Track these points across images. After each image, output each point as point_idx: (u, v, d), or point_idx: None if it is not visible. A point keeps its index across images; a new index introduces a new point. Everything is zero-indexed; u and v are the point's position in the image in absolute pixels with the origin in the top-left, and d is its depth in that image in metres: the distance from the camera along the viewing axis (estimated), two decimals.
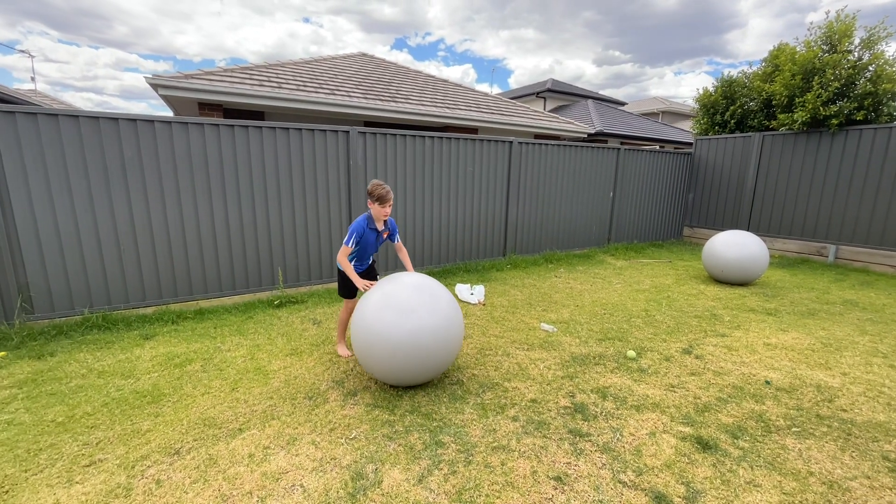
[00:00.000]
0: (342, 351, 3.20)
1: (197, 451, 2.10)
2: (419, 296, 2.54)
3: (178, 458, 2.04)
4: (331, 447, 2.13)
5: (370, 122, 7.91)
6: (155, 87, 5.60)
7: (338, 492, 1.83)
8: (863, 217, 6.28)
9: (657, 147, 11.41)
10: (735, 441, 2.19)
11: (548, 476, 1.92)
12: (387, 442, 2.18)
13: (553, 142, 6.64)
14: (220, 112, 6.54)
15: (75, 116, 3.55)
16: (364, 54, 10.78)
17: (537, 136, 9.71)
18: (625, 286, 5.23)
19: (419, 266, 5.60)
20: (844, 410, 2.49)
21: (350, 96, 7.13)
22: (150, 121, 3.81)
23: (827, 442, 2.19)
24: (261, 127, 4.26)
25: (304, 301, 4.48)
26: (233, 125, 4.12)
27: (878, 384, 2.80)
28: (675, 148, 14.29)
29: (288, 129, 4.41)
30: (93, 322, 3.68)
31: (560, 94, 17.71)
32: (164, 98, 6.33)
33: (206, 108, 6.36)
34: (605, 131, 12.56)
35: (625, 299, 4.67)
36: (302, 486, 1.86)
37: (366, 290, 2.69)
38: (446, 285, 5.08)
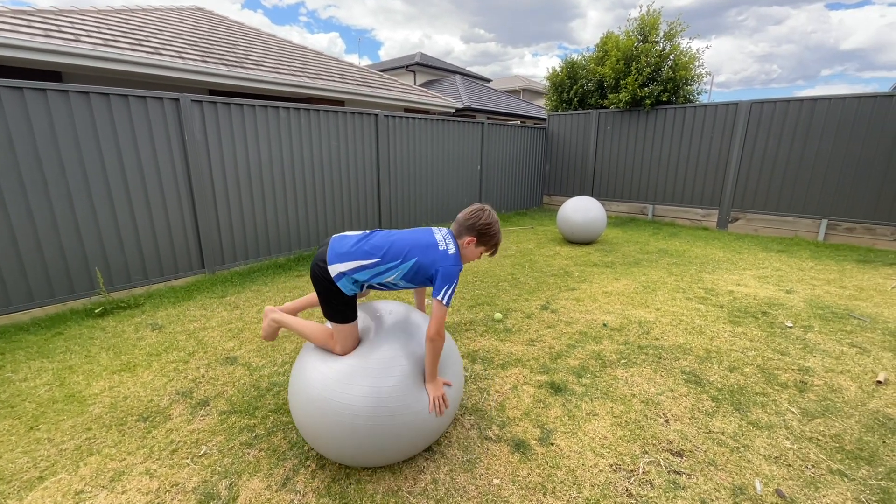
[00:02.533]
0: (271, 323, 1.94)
1: None
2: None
3: None
4: (171, 472, 1.81)
5: (215, 92, 6.84)
6: None
7: None
8: (670, 180, 7.76)
9: (519, 122, 12.35)
10: (580, 380, 2.51)
11: None
12: (245, 450, 1.95)
13: (421, 115, 6.62)
14: None
15: None
16: (200, 9, 9.19)
17: (407, 110, 9.61)
18: None
19: (285, 251, 5.15)
20: (657, 339, 3.05)
21: (183, 58, 6.01)
22: None
23: (645, 367, 2.66)
24: (44, 90, 3.28)
25: (140, 305, 3.74)
26: None
27: (679, 314, 3.51)
28: (535, 123, 15.67)
29: (88, 93, 3.49)
30: None
31: (429, 69, 17.80)
32: None
33: None
34: (473, 106, 13.08)
35: (493, 266, 5.00)
36: None
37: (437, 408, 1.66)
38: None
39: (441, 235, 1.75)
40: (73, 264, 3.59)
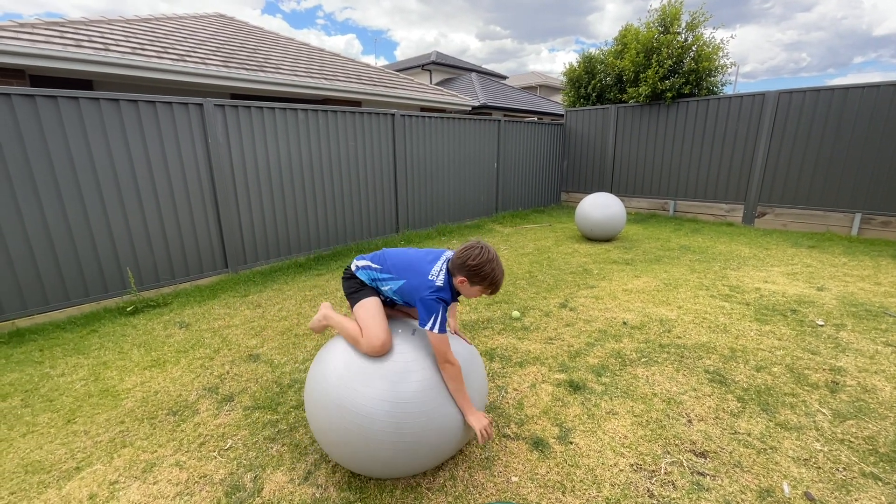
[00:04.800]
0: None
1: None
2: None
3: None
4: (200, 464, 1.88)
5: (237, 95, 7.01)
6: None
7: None
8: (692, 175, 7.55)
9: (535, 119, 12.24)
10: (599, 378, 2.48)
11: None
12: (269, 444, 2.00)
13: (437, 114, 6.63)
14: (22, 80, 5.17)
15: None
16: (222, 16, 9.42)
17: (423, 109, 9.64)
18: (511, 251, 5.57)
19: (305, 251, 5.24)
20: (679, 337, 2.99)
21: (206, 64, 6.18)
22: None
23: (666, 366, 2.61)
24: (77, 98, 3.44)
25: (168, 303, 3.88)
26: (33, 94, 3.25)
27: (702, 312, 3.42)
28: (552, 119, 15.47)
29: (118, 100, 3.63)
30: None
31: (445, 67, 17.80)
32: None
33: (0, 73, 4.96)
34: (489, 104, 13.02)
35: (511, 263, 4.97)
36: None
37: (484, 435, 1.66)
38: (337, 269, 4.87)
39: (440, 264, 1.73)
40: (106, 265, 3.75)
